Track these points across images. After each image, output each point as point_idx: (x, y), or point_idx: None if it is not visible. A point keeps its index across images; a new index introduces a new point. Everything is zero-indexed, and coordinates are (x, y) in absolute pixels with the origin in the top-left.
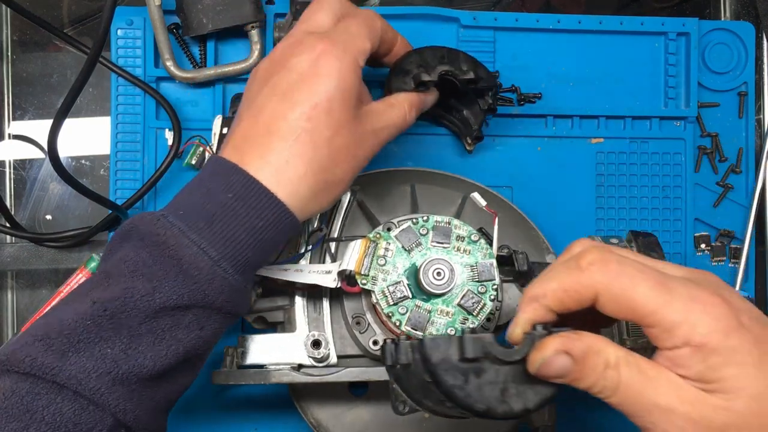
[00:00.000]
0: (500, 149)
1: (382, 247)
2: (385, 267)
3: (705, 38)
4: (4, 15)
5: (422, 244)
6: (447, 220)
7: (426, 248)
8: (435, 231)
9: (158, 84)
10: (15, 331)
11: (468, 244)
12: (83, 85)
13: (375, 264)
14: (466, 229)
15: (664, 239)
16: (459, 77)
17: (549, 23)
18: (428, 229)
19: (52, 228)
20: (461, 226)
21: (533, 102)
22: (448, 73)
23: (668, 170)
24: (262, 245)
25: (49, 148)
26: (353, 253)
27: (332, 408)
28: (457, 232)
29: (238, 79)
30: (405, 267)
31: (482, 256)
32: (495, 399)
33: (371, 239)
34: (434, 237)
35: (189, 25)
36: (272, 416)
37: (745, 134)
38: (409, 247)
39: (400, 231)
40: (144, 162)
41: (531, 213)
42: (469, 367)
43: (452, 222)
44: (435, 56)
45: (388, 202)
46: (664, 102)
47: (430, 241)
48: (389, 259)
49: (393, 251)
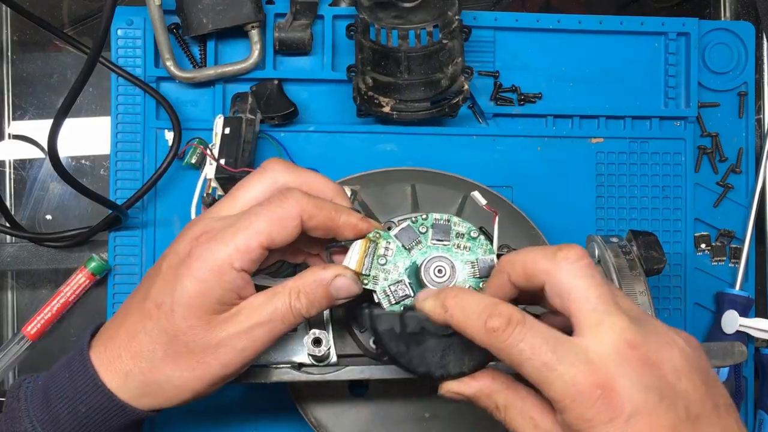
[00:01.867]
0: (500, 149)
1: (382, 246)
2: (386, 266)
3: (705, 38)
4: (4, 15)
5: (422, 243)
6: (446, 218)
7: (426, 246)
8: (434, 229)
9: (158, 84)
10: (15, 331)
11: (468, 240)
12: (83, 85)
13: (376, 264)
14: (465, 226)
15: (665, 239)
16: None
17: (549, 23)
18: (427, 227)
19: (52, 228)
20: (460, 223)
21: (533, 102)
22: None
23: (668, 170)
24: (83, 424)
25: (50, 148)
26: (353, 253)
27: (332, 408)
28: (457, 229)
29: (238, 79)
30: (406, 266)
31: (482, 252)
32: (435, 364)
33: (371, 239)
34: (434, 235)
35: (189, 25)
36: (272, 416)
37: (745, 134)
38: (410, 246)
39: (399, 230)
40: (144, 162)
41: (531, 213)
42: (410, 338)
43: (452, 219)
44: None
45: (389, 201)
46: (664, 102)
47: (430, 239)
48: (390, 259)
49: (393, 250)
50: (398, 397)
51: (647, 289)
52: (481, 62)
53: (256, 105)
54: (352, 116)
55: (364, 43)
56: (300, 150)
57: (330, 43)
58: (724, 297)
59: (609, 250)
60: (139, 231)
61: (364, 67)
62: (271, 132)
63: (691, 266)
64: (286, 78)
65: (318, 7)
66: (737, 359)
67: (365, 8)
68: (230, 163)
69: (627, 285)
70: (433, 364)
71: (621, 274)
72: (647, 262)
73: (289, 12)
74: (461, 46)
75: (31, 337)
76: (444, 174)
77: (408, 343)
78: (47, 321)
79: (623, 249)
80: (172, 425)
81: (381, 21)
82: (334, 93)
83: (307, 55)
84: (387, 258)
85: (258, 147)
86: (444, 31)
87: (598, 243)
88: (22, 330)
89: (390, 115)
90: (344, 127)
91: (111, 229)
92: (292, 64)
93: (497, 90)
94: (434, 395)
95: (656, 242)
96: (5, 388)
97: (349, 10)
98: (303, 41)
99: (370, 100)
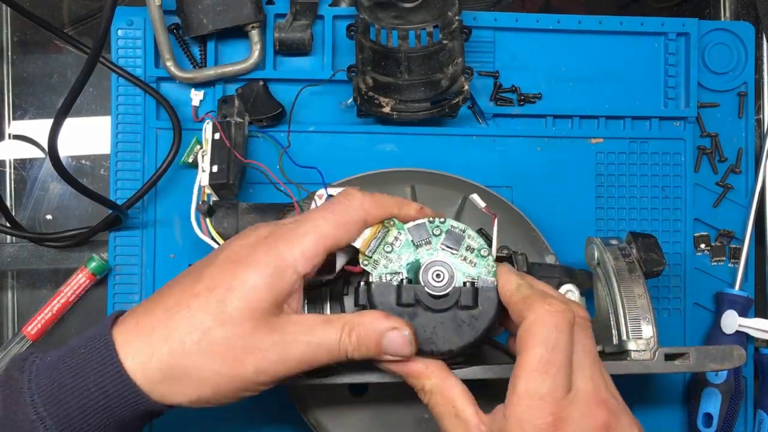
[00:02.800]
0: (500, 149)
1: (393, 235)
2: (390, 255)
3: (705, 38)
4: (4, 15)
5: (431, 244)
6: (462, 228)
7: (434, 248)
8: (448, 234)
9: (158, 84)
10: (15, 331)
11: (476, 257)
12: (83, 85)
13: (381, 249)
14: (478, 242)
15: (664, 239)
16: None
17: (549, 23)
18: (442, 230)
19: (52, 228)
20: (475, 238)
21: (533, 102)
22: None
23: (668, 170)
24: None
25: (50, 148)
26: (363, 234)
27: (332, 409)
28: (469, 242)
29: (238, 79)
30: (408, 260)
31: (486, 272)
32: (425, 339)
33: (384, 224)
34: (445, 240)
35: (189, 25)
36: (272, 417)
37: (745, 134)
38: (419, 243)
39: (414, 225)
40: (144, 162)
41: (531, 213)
42: (404, 311)
43: (467, 231)
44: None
45: None
46: (664, 102)
47: (440, 243)
48: (396, 249)
49: (402, 242)
50: (398, 399)
51: (646, 291)
52: (481, 62)
53: (243, 108)
54: (351, 117)
55: (364, 44)
56: (300, 150)
57: (330, 43)
58: (723, 297)
59: (608, 252)
60: (139, 231)
61: (365, 67)
62: (270, 132)
63: (690, 266)
64: (285, 78)
65: (318, 8)
66: (736, 363)
67: (365, 8)
68: (223, 169)
69: (626, 288)
70: (423, 340)
71: (620, 277)
72: (647, 265)
73: (289, 12)
74: (461, 47)
75: (31, 338)
76: (443, 174)
77: (401, 316)
78: (48, 321)
79: (623, 252)
80: (171, 427)
81: (381, 21)
82: (334, 93)
83: (307, 55)
84: (394, 247)
85: (256, 146)
86: (444, 32)
87: (597, 245)
88: (23, 330)
89: (390, 115)
90: (344, 127)
91: (111, 229)
92: (292, 64)
93: (497, 90)
94: None
95: (656, 244)
96: None
97: (349, 11)
98: (303, 42)
99: (370, 101)
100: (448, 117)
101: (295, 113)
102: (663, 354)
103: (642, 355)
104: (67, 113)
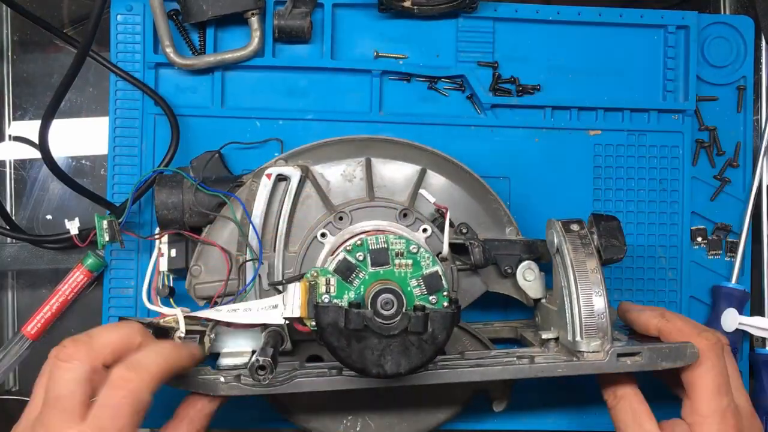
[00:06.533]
0: (498, 140)
1: (323, 284)
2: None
3: (704, 32)
4: (4, 15)
5: (363, 270)
6: (382, 240)
7: (368, 273)
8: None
9: (157, 70)
10: (15, 331)
11: (408, 257)
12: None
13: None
14: (402, 242)
15: (661, 232)
16: None
17: (549, 14)
18: (364, 253)
19: (52, 228)
20: (397, 241)
21: (532, 93)
22: None
23: (666, 163)
24: None
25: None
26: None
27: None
28: (394, 248)
29: (237, 66)
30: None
31: (426, 265)
32: (372, 362)
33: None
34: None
35: (189, 12)
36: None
37: (743, 128)
38: (351, 279)
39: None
40: (142, 161)
41: (528, 203)
42: (352, 334)
43: (388, 240)
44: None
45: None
46: (663, 95)
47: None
48: (333, 295)
49: (335, 285)
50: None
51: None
52: (481, 53)
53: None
54: (351, 105)
55: None
56: (298, 138)
57: (330, 31)
58: (720, 291)
59: (568, 242)
60: (134, 230)
61: None
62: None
63: (687, 259)
64: (285, 66)
65: None
66: (688, 361)
67: None
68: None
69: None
70: (370, 362)
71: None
72: (606, 252)
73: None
74: None
75: (31, 337)
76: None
77: (349, 339)
78: (47, 320)
79: (583, 240)
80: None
81: None
82: (333, 81)
83: (306, 43)
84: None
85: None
86: None
87: (557, 231)
88: (22, 330)
89: (411, 9)
90: (342, 115)
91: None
92: (291, 51)
93: (496, 81)
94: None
95: (617, 228)
96: (6, 389)
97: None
98: (302, 29)
99: None
100: (467, 10)
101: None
102: (616, 353)
103: (594, 356)
104: (56, 108)
